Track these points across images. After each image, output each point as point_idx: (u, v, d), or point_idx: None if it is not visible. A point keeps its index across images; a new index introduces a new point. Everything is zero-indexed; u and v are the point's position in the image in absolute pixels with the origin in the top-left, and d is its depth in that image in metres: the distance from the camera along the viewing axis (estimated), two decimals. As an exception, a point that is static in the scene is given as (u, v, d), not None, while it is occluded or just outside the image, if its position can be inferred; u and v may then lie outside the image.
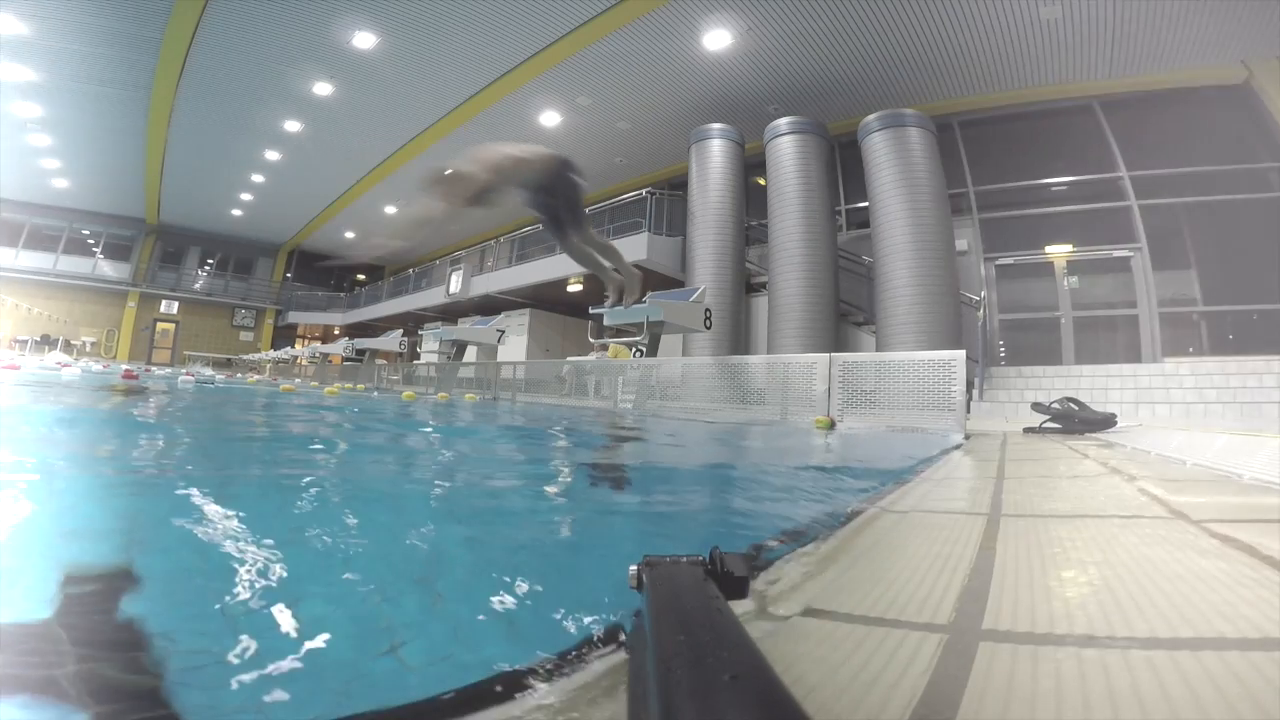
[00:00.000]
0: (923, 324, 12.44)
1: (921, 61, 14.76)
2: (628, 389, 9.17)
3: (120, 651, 0.92)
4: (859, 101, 16.13)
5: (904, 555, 1.43)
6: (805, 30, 14.11)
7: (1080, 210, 14.62)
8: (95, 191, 29.31)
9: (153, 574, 1.22)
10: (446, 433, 5.48)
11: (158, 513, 1.69)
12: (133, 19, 15.19)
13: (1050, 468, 3.28)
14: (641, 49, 15.23)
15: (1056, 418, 6.16)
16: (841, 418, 6.06)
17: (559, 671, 0.82)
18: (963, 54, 14.36)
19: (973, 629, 0.93)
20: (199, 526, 1.43)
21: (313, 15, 14.88)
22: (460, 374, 14.09)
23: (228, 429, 4.41)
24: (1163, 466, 3.20)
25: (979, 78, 15.16)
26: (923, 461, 3.54)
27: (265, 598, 1.10)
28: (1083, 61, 14.13)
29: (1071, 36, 13.39)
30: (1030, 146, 15.63)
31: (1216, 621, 0.93)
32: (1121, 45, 13.48)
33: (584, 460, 4.05)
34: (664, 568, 0.84)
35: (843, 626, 0.97)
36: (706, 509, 2.46)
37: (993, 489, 2.45)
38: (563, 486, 2.93)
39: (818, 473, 3.61)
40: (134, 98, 19.32)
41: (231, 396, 8.67)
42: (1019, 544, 1.47)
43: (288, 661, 0.89)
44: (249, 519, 1.50)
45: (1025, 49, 13.96)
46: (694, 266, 15.47)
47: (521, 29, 14.97)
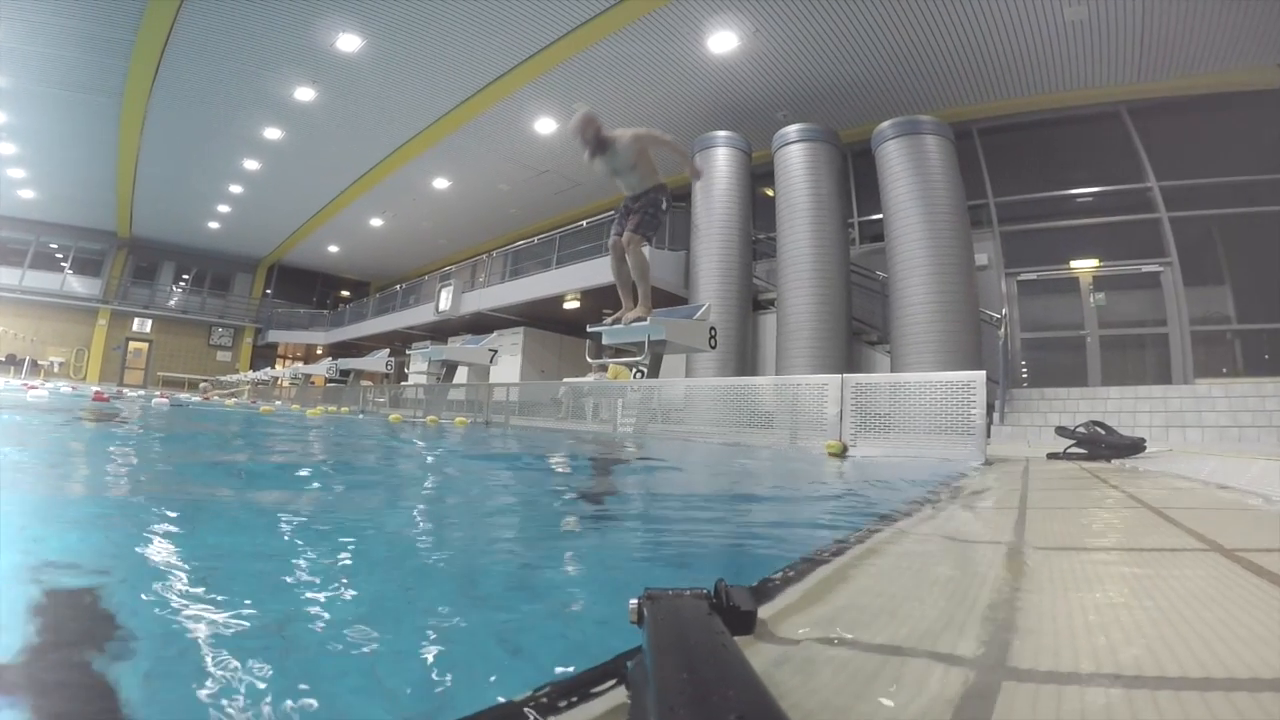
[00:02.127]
0: (940, 343, 12.45)
1: (939, 65, 14.78)
2: (628, 412, 9.16)
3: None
4: (873, 107, 16.16)
5: (921, 584, 1.43)
6: (815, 32, 14.15)
7: (1107, 223, 14.65)
8: (64, 203, 29.40)
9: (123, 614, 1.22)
10: (436, 457, 5.48)
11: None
12: (103, 20, 15.22)
13: (1075, 495, 3.28)
14: (642, 52, 15.27)
15: (1082, 442, 6.15)
16: (854, 442, 6.05)
17: (554, 709, 0.82)
18: (983, 57, 14.38)
19: (995, 664, 0.93)
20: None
21: (294, 16, 14.90)
22: (450, 396, 14.08)
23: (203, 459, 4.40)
24: (1194, 494, 3.20)
25: (1000, 82, 15.20)
26: (941, 488, 3.53)
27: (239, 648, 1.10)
28: (1109, 65, 14.15)
29: (1098, 38, 13.41)
30: (1054, 155, 15.65)
31: (1252, 661, 0.93)
32: (1151, 47, 13.49)
33: (581, 486, 4.05)
34: (666, 601, 0.84)
35: (857, 656, 0.97)
36: (711, 538, 2.45)
37: (1015, 517, 2.45)
38: (556, 515, 2.93)
39: (829, 500, 3.60)
40: (105, 103, 19.36)
41: (208, 421, 8.67)
42: (1042, 575, 1.47)
43: (267, 703, 0.89)
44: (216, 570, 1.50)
45: (1049, 52, 13.99)
46: (698, 282, 15.50)
47: (515, 31, 14.99)
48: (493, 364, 14.28)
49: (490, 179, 23.87)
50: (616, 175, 8.67)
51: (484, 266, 24.69)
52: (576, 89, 17.09)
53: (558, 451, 6.31)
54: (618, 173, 8.62)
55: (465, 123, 19.52)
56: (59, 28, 15.59)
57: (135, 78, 17.81)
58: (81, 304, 34.00)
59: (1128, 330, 14.12)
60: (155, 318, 36.07)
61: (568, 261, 19.50)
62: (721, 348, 13.64)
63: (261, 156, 23.60)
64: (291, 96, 18.77)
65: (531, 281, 20.65)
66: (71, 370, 33.42)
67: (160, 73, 17.56)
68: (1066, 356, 14.40)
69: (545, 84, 17.14)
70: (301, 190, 26.71)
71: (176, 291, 37.03)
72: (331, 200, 27.50)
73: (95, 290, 34.27)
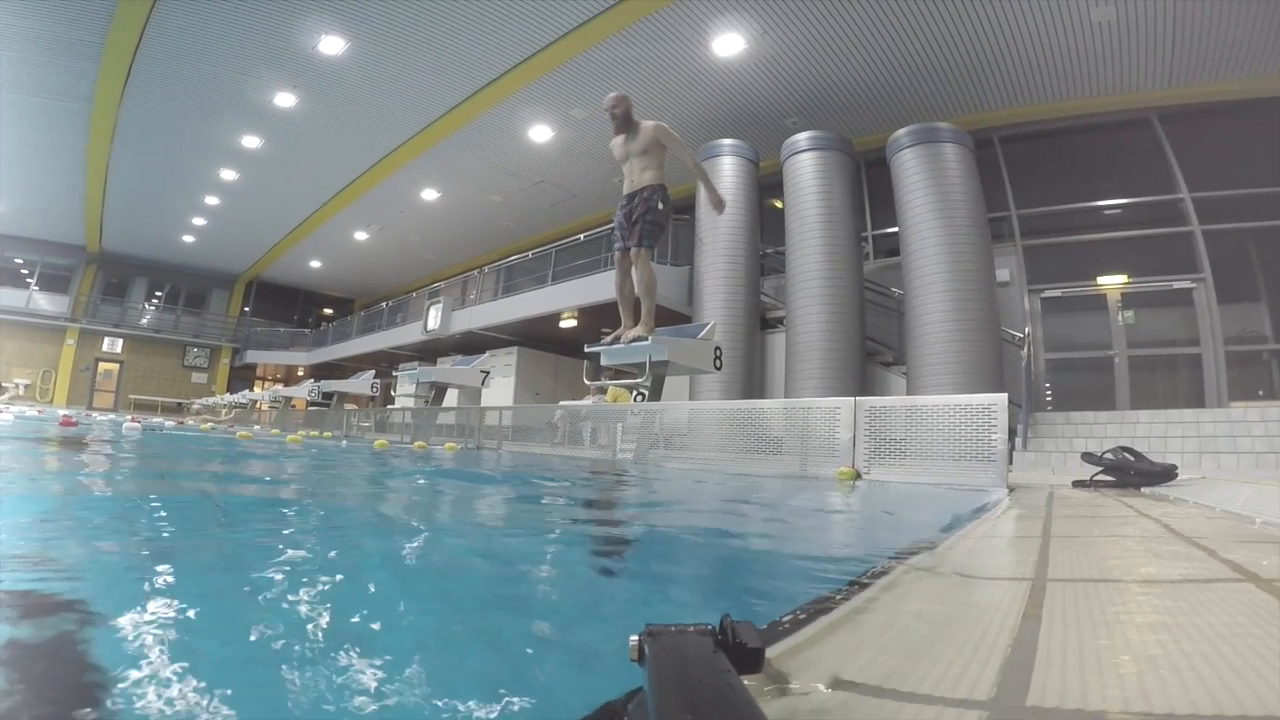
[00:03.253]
0: (959, 364, 12.45)
1: (958, 69, 14.81)
2: (628, 437, 9.14)
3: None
4: (888, 114, 16.20)
5: (938, 622, 1.43)
6: (827, 33, 14.18)
7: (1136, 236, 14.67)
8: (28, 215, 29.44)
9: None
10: (424, 484, 5.47)
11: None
12: (70, 21, 15.23)
13: (1103, 525, 3.28)
14: (643, 55, 15.31)
15: (1109, 469, 6.15)
16: (868, 469, 6.05)
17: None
18: (1005, 60, 14.40)
19: (1016, 705, 0.93)
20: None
21: (274, 17, 14.90)
22: (439, 420, 14.07)
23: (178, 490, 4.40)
24: (1229, 524, 3.19)
25: (1022, 87, 15.23)
26: (959, 518, 3.53)
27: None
28: (1139, 69, 14.15)
29: (1126, 40, 13.40)
30: (1080, 165, 15.67)
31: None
32: (1183, 50, 13.49)
33: (578, 516, 4.05)
34: (669, 638, 0.84)
35: (869, 701, 0.97)
36: (716, 572, 2.45)
37: (1038, 549, 2.44)
38: (553, 546, 2.92)
39: (839, 531, 3.60)
40: (73, 110, 19.41)
41: (182, 449, 8.66)
42: (1067, 611, 1.47)
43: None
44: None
45: (1075, 55, 13.99)
46: (702, 299, 15.52)
47: (509, 34, 15.02)
48: (484, 386, 14.29)
49: (482, 190, 23.94)
50: (628, 158, 8.97)
51: (475, 283, 24.73)
52: (573, 95, 17.16)
53: (552, 478, 6.31)
54: (630, 156, 8.95)
55: (456, 130, 19.59)
56: (22, 29, 15.60)
57: (105, 82, 17.84)
58: (48, 322, 34.00)
59: (1158, 350, 14.12)
60: (126, 337, 36.09)
61: (564, 277, 19.52)
62: (727, 369, 13.62)
63: (239, 166, 23.65)
64: (271, 102, 18.81)
65: (526, 298, 20.67)
66: (38, 393, 33.37)
67: (132, 77, 17.59)
68: (1093, 378, 14.39)
69: (540, 89, 17.21)
70: (282, 202, 26.78)
71: (149, 309, 37.04)
72: (313, 212, 27.57)
73: (63, 308, 34.29)
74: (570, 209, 24.69)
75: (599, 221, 20.00)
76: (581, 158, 20.52)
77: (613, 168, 19.91)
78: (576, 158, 20.65)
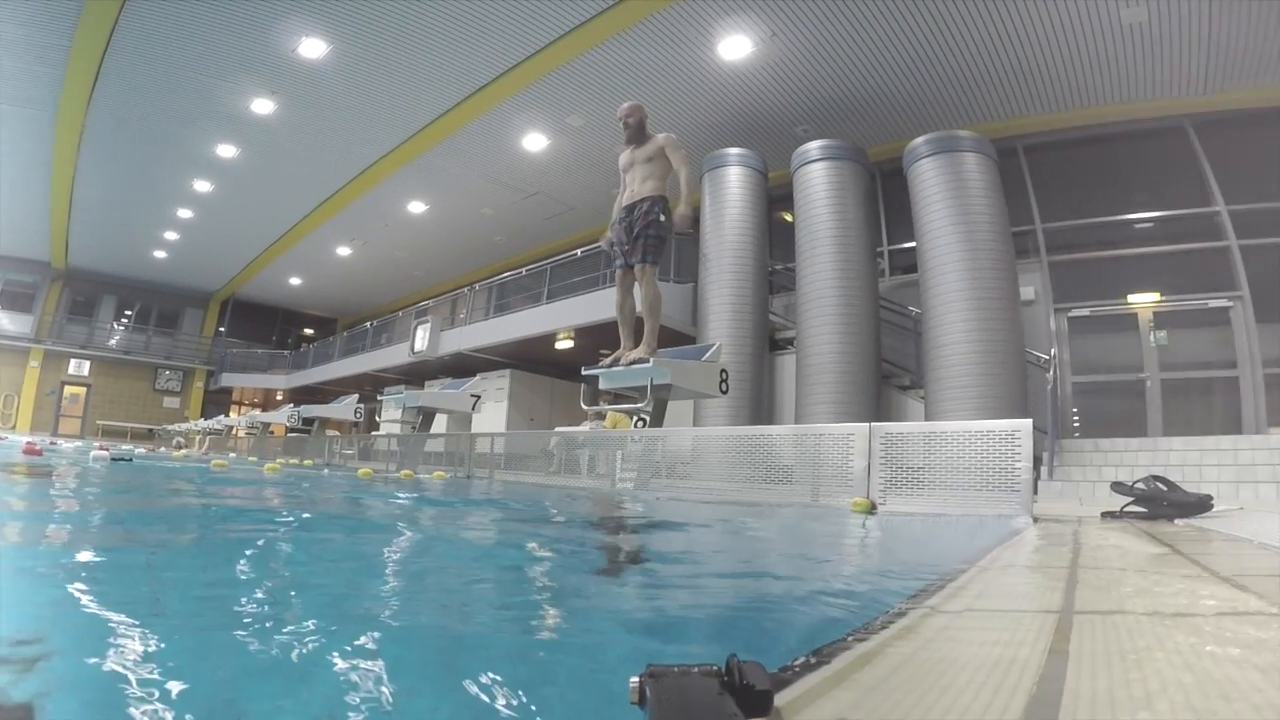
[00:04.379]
0: (981, 388, 12.44)
1: (980, 73, 14.83)
2: (628, 465, 9.14)
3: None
4: (905, 121, 16.23)
5: (959, 660, 1.44)
6: (840, 36, 14.20)
7: (1169, 252, 14.65)
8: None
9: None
10: (410, 518, 5.47)
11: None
12: (32, 22, 15.21)
13: (1133, 559, 3.28)
14: (644, 59, 15.36)
15: (1140, 500, 6.14)
16: (884, 500, 6.05)
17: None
18: (1029, 65, 14.42)
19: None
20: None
21: (251, 18, 14.86)
22: (427, 447, 14.07)
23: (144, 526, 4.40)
24: (1267, 558, 3.19)
25: (1048, 93, 15.25)
26: (981, 551, 3.53)
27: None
28: (1172, 73, 14.14)
29: (1159, 43, 13.39)
30: (1109, 176, 15.67)
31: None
32: (1220, 53, 13.48)
33: (574, 548, 4.05)
34: (672, 679, 0.84)
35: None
36: (723, 608, 2.45)
37: (1065, 583, 2.45)
38: (548, 577, 2.93)
39: (853, 566, 3.60)
40: (36, 118, 19.46)
41: (153, 481, 8.66)
42: (1095, 647, 1.48)
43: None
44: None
45: (1103, 59, 13.99)
46: (707, 319, 15.51)
47: (501, 35, 15.02)
48: (475, 411, 14.27)
49: (472, 202, 23.97)
50: (632, 166, 9.09)
51: (465, 301, 24.74)
52: (570, 101, 17.20)
53: (549, 509, 6.30)
54: (634, 164, 9.07)
55: (445, 138, 19.64)
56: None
57: (71, 88, 17.83)
58: (10, 343, 33.98)
59: (1193, 373, 14.10)
60: (94, 359, 36.09)
61: (560, 295, 19.50)
62: (734, 393, 13.61)
63: (214, 177, 23.70)
64: (248, 109, 18.84)
65: (519, 318, 20.66)
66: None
67: (100, 82, 17.57)
68: (1123, 403, 14.37)
69: (535, 95, 17.26)
70: (259, 215, 26.82)
71: (118, 329, 37.05)
72: (293, 226, 27.61)
73: (26, 328, 34.28)
74: (566, 223, 24.71)
75: (597, 236, 19.88)
76: (579, 168, 20.56)
77: (609, 178, 20.03)
78: (573, 168, 20.68)
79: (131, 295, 37.19)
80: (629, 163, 9.14)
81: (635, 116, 9.09)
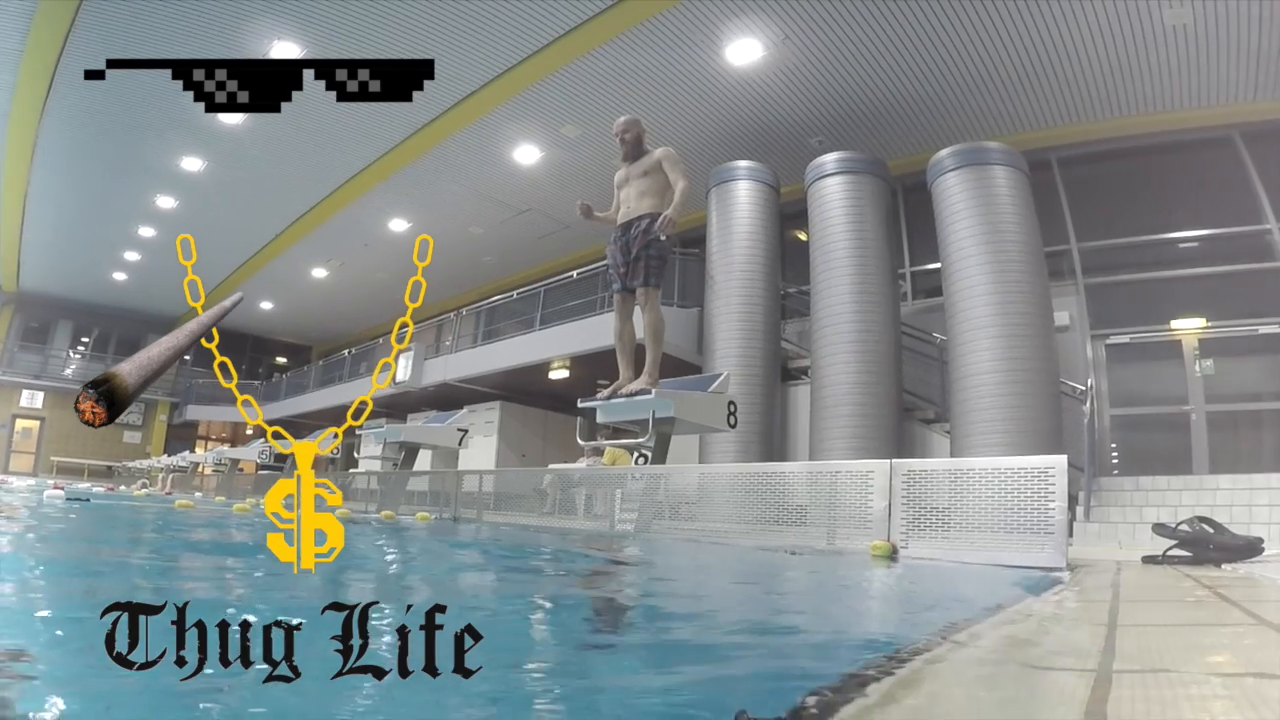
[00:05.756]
0: (1011, 421, 12.43)
1: (1010, 80, 14.82)
2: (628, 506, 9.12)
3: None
4: (929, 132, 16.24)
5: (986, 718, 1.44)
6: (858, 39, 14.20)
7: (1216, 274, 14.63)
8: (-66, 252, 29.30)
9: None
10: (394, 560, 5.47)
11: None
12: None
13: (1177, 609, 3.28)
14: (646, 64, 15.36)
15: (1185, 543, 6.13)
16: (905, 543, 6.03)
17: None
18: (1063, 70, 14.40)
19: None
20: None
21: (218, 19, 14.72)
22: (410, 486, 14.04)
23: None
24: (1325, 608, 3.19)
25: (1084, 101, 15.24)
26: (1010, 600, 3.53)
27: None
28: (1219, 79, 14.09)
29: (1204, 46, 13.35)
30: (1151, 191, 15.68)
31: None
32: (1271, 57, 13.46)
33: (570, 595, 4.05)
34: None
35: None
36: (733, 661, 2.46)
37: (1103, 636, 2.45)
38: (545, 628, 2.93)
39: (875, 616, 3.60)
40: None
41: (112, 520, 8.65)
42: (1136, 707, 1.48)
43: None
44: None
45: (1144, 63, 13.95)
46: (714, 346, 15.53)
47: (490, 38, 15.00)
48: (462, 447, 14.25)
49: (459, 220, 23.98)
50: (627, 182, 9.16)
51: (451, 327, 24.76)
52: (565, 110, 17.21)
53: (539, 553, 6.30)
54: (630, 179, 9.13)
55: (429, 150, 19.66)
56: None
57: (24, 95, 17.73)
58: (-42, 374, 33.99)
59: (1242, 405, 14.07)
60: (48, 390, 36.07)
61: (554, 321, 19.51)
62: (743, 427, 13.58)
63: (179, 192, 23.66)
64: (215, 117, 18.41)
65: (510, 345, 20.66)
66: (-55, 455, 33.38)
67: (54, 88, 17.42)
68: (1166, 438, 14.34)
69: (527, 103, 17.29)
70: (228, 233, 26.66)
71: (74, 358, 37.07)
72: (265, 245, 27.62)
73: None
74: (561, 242, 24.74)
75: (594, 257, 19.94)
76: (574, 182, 20.55)
77: (608, 194, 20.09)
78: (569, 183, 20.68)
79: (89, 320, 37.21)
80: (624, 179, 9.18)
81: (632, 132, 9.11)
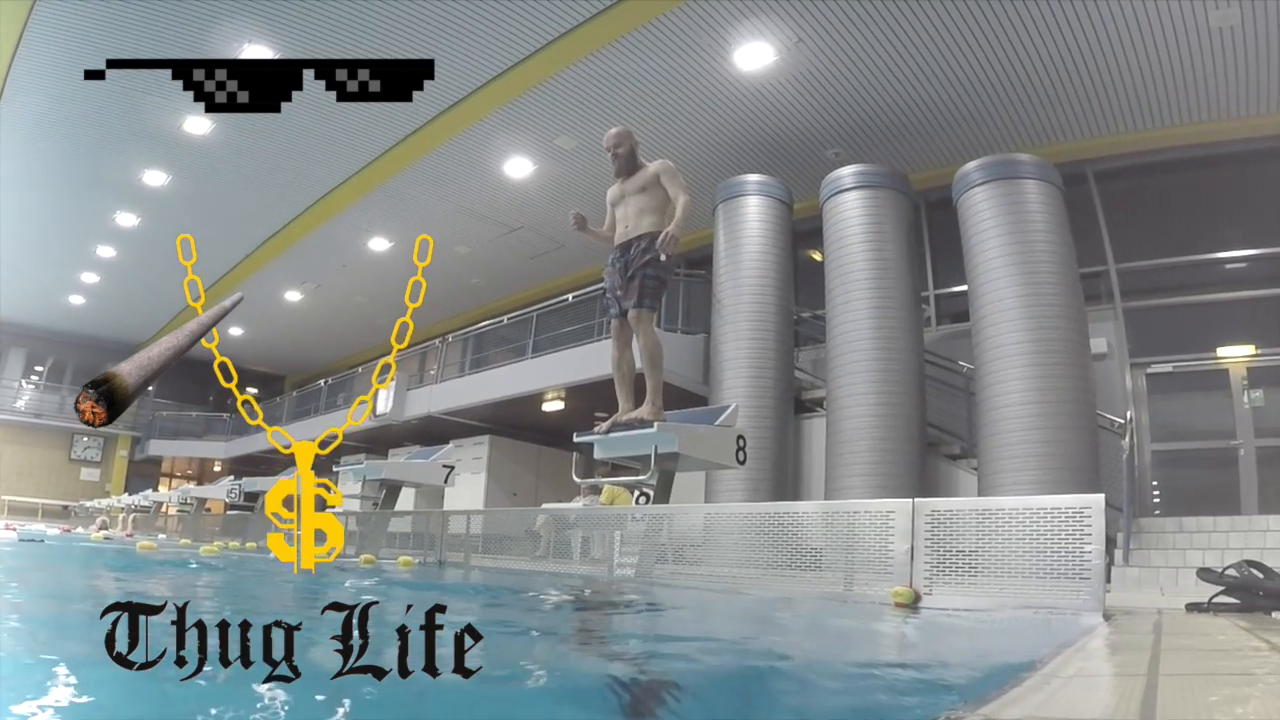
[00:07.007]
0: (1044, 457, 12.42)
1: (1042, 87, 14.78)
2: (628, 549, 9.10)
3: None
4: (955, 144, 16.24)
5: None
6: (878, 42, 14.18)
7: (1266, 297, 14.60)
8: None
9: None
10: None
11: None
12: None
13: (1224, 660, 3.27)
14: (647, 69, 15.33)
15: (1232, 590, 6.12)
16: (929, 590, 6.02)
17: None
18: (1100, 78, 14.34)
19: None
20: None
21: (186, 20, 14.47)
22: (392, 527, 14.00)
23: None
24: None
25: (1122, 111, 15.21)
26: (1045, 652, 3.53)
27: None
28: (1270, 86, 14.06)
29: (1254, 50, 13.32)
30: (1195, 207, 15.67)
31: None
32: (1326, 63, 13.39)
33: (564, 648, 4.05)
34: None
35: None
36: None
37: (1143, 690, 2.45)
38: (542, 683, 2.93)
39: (895, 672, 3.60)
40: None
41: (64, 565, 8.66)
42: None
43: None
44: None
45: (1187, 69, 13.91)
46: (721, 376, 15.53)
47: (478, 42, 14.97)
48: (448, 485, 14.24)
49: (445, 238, 23.84)
50: (623, 199, 9.16)
51: (437, 355, 24.76)
52: (559, 119, 17.20)
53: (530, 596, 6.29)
54: (625, 196, 9.12)
55: (412, 163, 19.64)
56: None
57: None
58: (-100, 407, 33.96)
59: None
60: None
61: (548, 348, 19.50)
62: (753, 463, 13.56)
63: (140, 208, 23.55)
64: (179, 128, 18.58)
65: (500, 375, 20.65)
66: (-114, 496, 33.30)
67: (4, 98, 17.40)
68: (1212, 475, 14.30)
69: (518, 112, 17.30)
70: (195, 252, 26.48)
71: (27, 388, 37.03)
72: (235, 266, 27.50)
73: (-82, 388, 34.22)
74: (555, 263, 24.73)
75: (590, 279, 19.91)
76: (570, 198, 20.34)
77: (606, 210, 20.05)
78: (563, 198, 20.55)
79: (43, 348, 37.20)
80: (619, 196, 9.19)
81: (625, 145, 9.10)
